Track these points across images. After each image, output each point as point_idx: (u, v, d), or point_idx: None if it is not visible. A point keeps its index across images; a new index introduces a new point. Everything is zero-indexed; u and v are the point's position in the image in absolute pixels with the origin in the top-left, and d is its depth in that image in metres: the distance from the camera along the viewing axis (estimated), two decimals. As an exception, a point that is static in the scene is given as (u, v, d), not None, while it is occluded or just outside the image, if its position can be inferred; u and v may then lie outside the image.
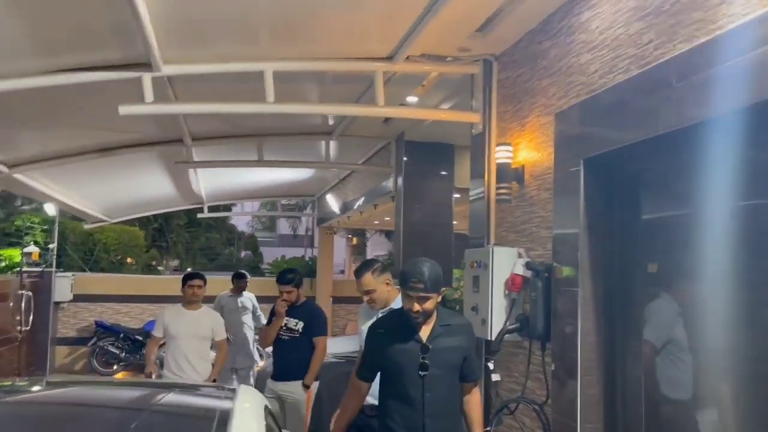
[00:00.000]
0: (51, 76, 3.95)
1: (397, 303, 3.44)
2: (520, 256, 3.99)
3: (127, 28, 3.48)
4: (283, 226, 38.46)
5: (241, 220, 38.10)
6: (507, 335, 3.87)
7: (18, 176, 6.54)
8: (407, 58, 4.42)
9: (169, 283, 13.13)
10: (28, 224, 11.86)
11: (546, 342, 3.65)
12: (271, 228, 40.95)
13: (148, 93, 4.06)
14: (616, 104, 3.08)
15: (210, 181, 9.62)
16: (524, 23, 4.01)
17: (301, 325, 5.04)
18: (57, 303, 11.66)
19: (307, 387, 4.99)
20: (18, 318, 10.16)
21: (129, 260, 19.47)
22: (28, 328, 10.41)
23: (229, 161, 7.05)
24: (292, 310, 5.06)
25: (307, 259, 15.25)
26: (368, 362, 3.11)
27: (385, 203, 8.30)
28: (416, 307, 2.86)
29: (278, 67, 4.25)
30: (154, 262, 25.08)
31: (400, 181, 7.00)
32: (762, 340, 2.51)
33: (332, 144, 7.84)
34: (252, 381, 7.15)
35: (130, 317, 12.25)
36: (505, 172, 4.10)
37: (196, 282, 5.44)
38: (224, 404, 2.35)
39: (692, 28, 2.63)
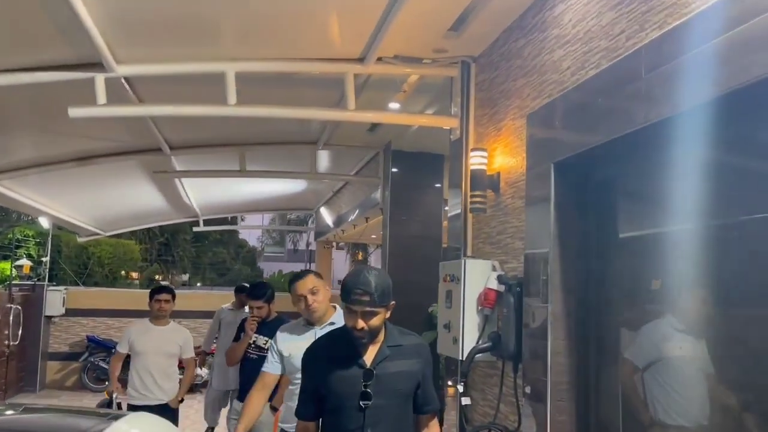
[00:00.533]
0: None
1: (337, 320, 3.17)
2: (494, 269, 3.71)
3: (74, 27, 3.29)
4: (301, 243, 38.30)
5: (253, 234, 38.08)
6: (479, 355, 3.57)
7: (-8, 186, 6.37)
8: (379, 59, 4.19)
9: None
10: (21, 237, 11.78)
11: (518, 362, 3.35)
12: (280, 243, 40.85)
13: (101, 94, 3.85)
14: (586, 102, 2.81)
15: (200, 194, 9.44)
16: (499, 21, 3.76)
17: (270, 343, 4.75)
18: (48, 317, 11.48)
19: (275, 409, 4.70)
20: (6, 332, 10.00)
21: (133, 275, 19.38)
22: (17, 342, 10.24)
23: (210, 171, 6.83)
24: (262, 327, 4.76)
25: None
26: (306, 394, 2.58)
27: (376, 216, 8.04)
28: (360, 324, 2.39)
29: (241, 68, 4.03)
30: (158, 277, 25.03)
31: (387, 192, 6.74)
32: (754, 359, 2.21)
33: (322, 154, 7.63)
34: None
35: (123, 332, 11.99)
36: (479, 180, 3.82)
37: (164, 296, 5.21)
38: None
39: (664, 14, 2.37)
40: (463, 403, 3.55)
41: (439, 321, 4.03)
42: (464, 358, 3.57)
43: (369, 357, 2.48)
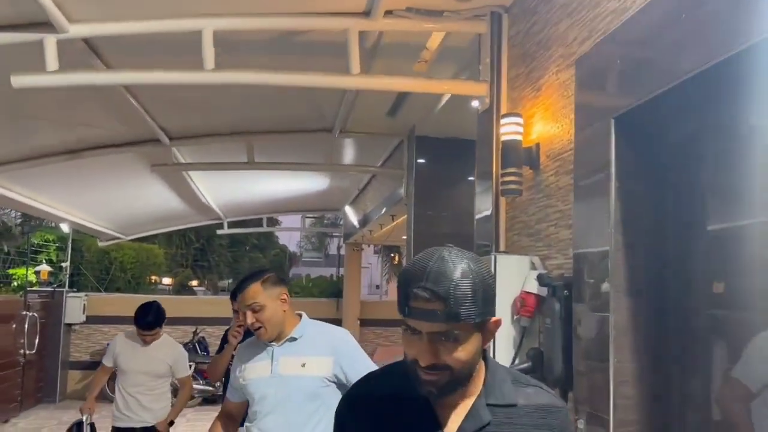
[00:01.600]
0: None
1: (303, 333, 2.54)
2: (533, 267, 2.89)
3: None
4: (333, 247, 37.91)
5: (293, 240, 37.71)
6: (514, 378, 2.74)
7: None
8: (389, 12, 3.42)
9: (188, 303, 12.45)
10: (42, 242, 11.41)
11: (568, 389, 2.52)
12: (319, 248, 40.47)
13: (51, 59, 3.18)
14: (662, 24, 1.98)
15: (216, 193, 8.84)
16: (536, -49, 2.96)
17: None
18: (69, 325, 11.04)
19: None
20: (21, 341, 9.57)
21: (165, 281, 19.02)
22: (33, 351, 9.80)
23: (214, 163, 6.16)
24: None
25: (334, 278, 14.28)
26: None
27: (402, 213, 7.26)
28: (427, 357, 1.19)
29: (220, 26, 3.31)
30: (194, 282, 24.75)
31: (411, 185, 5.96)
32: None
33: (342, 146, 6.91)
34: None
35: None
36: (513, 154, 3.01)
37: (146, 332, 4.38)
38: None
39: None
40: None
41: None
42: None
43: (452, 428, 1.27)
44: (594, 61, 2.41)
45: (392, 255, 24.98)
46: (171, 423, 4.52)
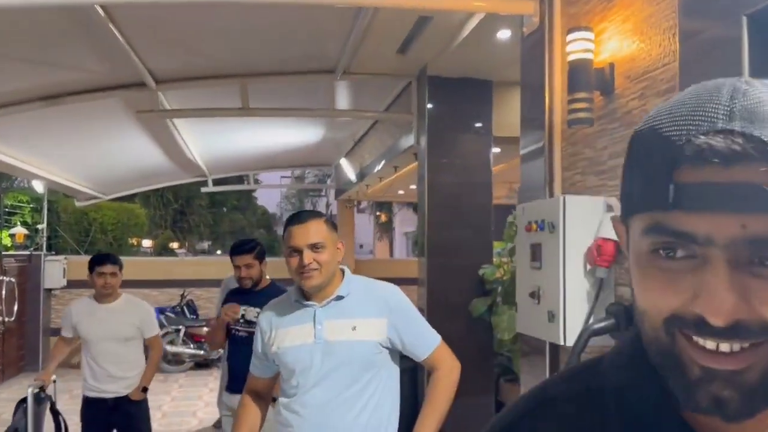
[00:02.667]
0: None
1: (351, 290, 2.15)
2: (610, 209, 2.47)
3: None
4: (320, 206, 37.52)
5: (272, 201, 37.15)
6: (594, 338, 2.35)
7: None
8: None
9: (174, 265, 11.98)
10: (15, 203, 10.75)
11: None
12: (300, 208, 40.09)
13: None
14: None
15: (203, 147, 8.28)
16: None
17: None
18: (49, 290, 10.50)
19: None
20: None
21: (145, 243, 18.44)
22: (12, 318, 9.29)
23: (205, 110, 5.61)
24: (252, 297, 3.63)
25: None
26: None
27: (407, 164, 6.80)
28: (726, 307, 0.50)
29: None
30: (175, 245, 24.20)
31: (423, 130, 5.48)
32: None
33: (342, 91, 6.38)
34: None
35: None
36: (581, 76, 2.55)
37: (109, 268, 3.96)
38: None
39: None
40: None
41: (521, 288, 2.81)
42: (573, 343, 2.35)
43: None
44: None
45: (378, 214, 24.47)
46: (145, 389, 4.10)
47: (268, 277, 3.79)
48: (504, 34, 4.30)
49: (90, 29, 3.96)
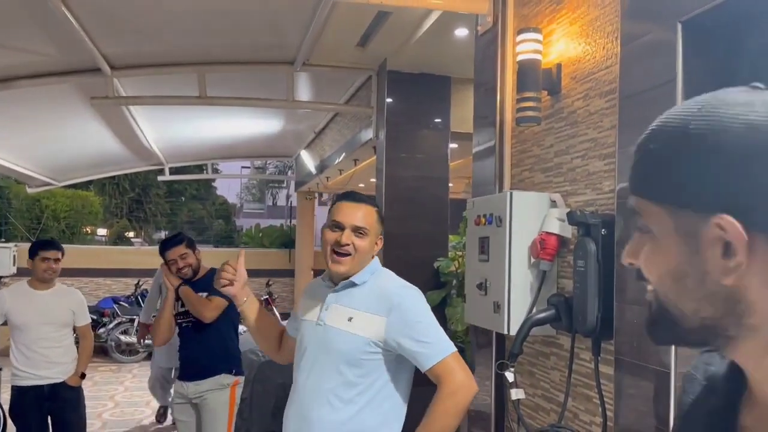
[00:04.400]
0: None
1: (361, 277, 2.05)
2: (554, 204, 2.56)
3: None
4: (281, 198, 37.16)
5: (232, 191, 36.68)
6: (535, 327, 2.44)
7: None
8: None
9: (131, 254, 11.80)
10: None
11: (601, 339, 2.24)
12: (260, 199, 39.72)
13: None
14: None
15: (160, 135, 8.16)
16: None
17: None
18: (-2, 278, 10.22)
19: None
20: (-57, 296, 8.77)
21: (100, 231, 18.03)
22: (-43, 306, 9.03)
23: (161, 97, 5.54)
24: (192, 286, 3.67)
25: (285, 228, 13.79)
26: None
27: (367, 157, 6.84)
28: None
29: None
30: (131, 234, 23.72)
31: (382, 124, 5.53)
32: None
33: (302, 83, 6.37)
34: None
35: (83, 294, 10.79)
36: (530, 76, 2.63)
37: (52, 253, 4.01)
38: None
39: None
40: (515, 397, 2.44)
41: (469, 279, 2.89)
42: (515, 333, 2.44)
43: None
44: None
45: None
46: (83, 376, 4.12)
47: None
48: (461, 32, 4.37)
49: (42, 12, 3.88)
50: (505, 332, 2.54)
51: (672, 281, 0.67)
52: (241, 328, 3.81)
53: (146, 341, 6.77)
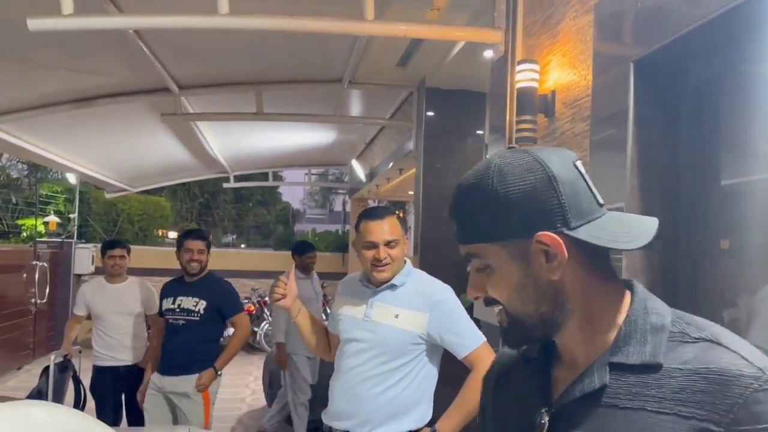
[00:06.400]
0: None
1: (405, 280, 2.37)
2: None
3: None
4: (337, 203, 37.94)
5: (296, 197, 37.80)
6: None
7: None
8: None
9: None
10: (50, 193, 11.45)
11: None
12: (323, 205, 40.63)
13: (66, 2, 3.15)
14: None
15: (224, 146, 8.83)
16: None
17: (203, 305, 3.90)
18: (78, 275, 11.18)
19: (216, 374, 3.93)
20: (32, 290, 9.71)
21: (170, 234, 19.13)
22: (44, 300, 9.96)
23: (223, 114, 6.15)
24: (189, 287, 3.93)
25: (339, 233, 14.36)
26: None
27: (410, 167, 7.26)
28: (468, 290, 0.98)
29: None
30: (200, 237, 24.89)
31: (421, 137, 5.94)
32: None
33: (351, 98, 6.87)
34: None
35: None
36: (528, 101, 3.00)
37: (118, 251, 4.66)
38: None
39: None
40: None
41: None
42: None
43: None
44: (613, 5, 2.39)
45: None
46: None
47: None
48: (488, 53, 4.73)
49: (120, 42, 4.50)
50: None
51: (517, 294, 0.89)
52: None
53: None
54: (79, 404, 4.81)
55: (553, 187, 0.85)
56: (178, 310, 3.92)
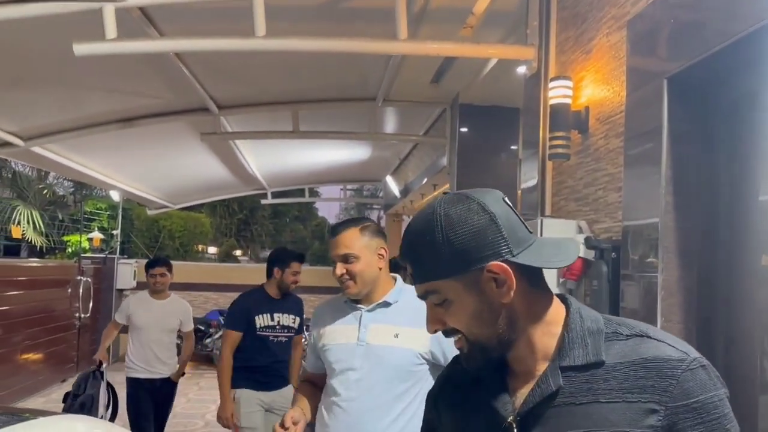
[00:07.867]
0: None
1: (397, 298, 2.17)
2: (580, 230, 2.90)
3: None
4: (372, 218, 38.07)
5: (332, 212, 38.17)
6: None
7: (38, 150, 6.07)
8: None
9: (236, 271, 12.77)
10: (94, 210, 11.80)
11: (613, 351, 2.55)
12: (358, 221, 40.75)
13: (110, 27, 3.28)
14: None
15: (262, 163, 8.98)
16: None
17: (297, 320, 4.20)
18: (120, 290, 11.46)
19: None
20: (76, 305, 9.99)
21: (210, 249, 19.50)
22: (88, 315, 10.22)
23: (260, 132, 6.28)
24: (281, 304, 4.11)
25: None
26: None
27: (444, 182, 7.27)
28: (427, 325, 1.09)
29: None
30: (238, 252, 25.30)
31: (454, 153, 5.96)
32: None
33: (385, 115, 6.94)
34: None
35: (193, 306, 11.75)
36: (562, 117, 3.00)
37: (158, 270, 4.88)
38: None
39: None
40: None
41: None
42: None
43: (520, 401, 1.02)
44: (646, 22, 2.39)
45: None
46: (183, 374, 4.98)
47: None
48: (521, 69, 4.73)
49: (162, 65, 4.65)
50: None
51: (475, 321, 1.00)
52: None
53: None
54: (114, 412, 5.04)
55: (495, 223, 0.97)
56: (278, 327, 4.07)
